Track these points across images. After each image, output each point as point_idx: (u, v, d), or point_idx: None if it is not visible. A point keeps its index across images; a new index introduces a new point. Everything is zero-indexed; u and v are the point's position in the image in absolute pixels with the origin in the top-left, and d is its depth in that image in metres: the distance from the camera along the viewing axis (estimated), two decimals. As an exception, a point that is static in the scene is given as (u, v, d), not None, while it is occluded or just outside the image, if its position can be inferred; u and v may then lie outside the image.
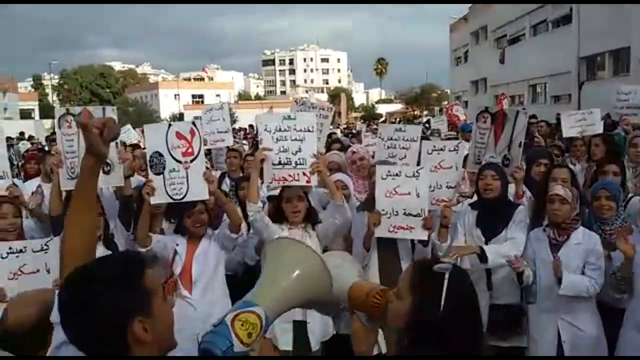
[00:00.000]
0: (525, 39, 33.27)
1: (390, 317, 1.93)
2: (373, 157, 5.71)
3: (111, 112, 4.33)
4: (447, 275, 1.77)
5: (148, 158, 4.11)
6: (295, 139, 4.18)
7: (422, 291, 1.81)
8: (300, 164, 4.15)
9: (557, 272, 3.85)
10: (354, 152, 6.11)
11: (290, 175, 4.15)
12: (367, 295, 2.05)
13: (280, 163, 4.17)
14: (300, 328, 4.15)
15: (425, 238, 4.19)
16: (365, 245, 4.28)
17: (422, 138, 5.63)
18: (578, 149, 6.88)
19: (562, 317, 3.96)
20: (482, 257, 4.12)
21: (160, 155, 4.05)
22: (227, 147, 7.33)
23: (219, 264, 4.23)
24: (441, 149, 4.61)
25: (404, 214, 4.14)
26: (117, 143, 4.35)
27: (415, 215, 4.14)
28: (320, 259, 1.95)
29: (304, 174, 4.14)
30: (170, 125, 4.19)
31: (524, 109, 5.51)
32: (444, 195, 4.49)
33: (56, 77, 77.78)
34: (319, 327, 4.20)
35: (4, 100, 43.02)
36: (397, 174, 4.19)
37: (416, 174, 4.18)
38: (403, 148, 5.23)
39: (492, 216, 4.34)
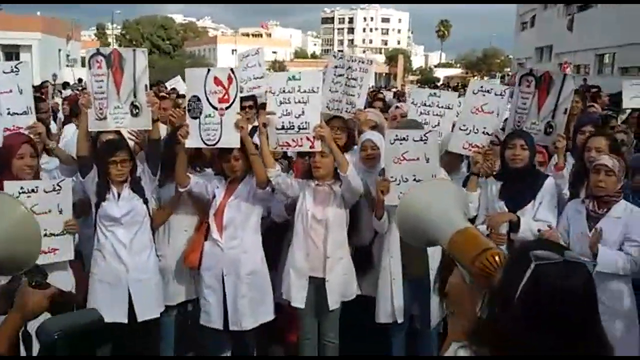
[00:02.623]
0: (596, 5, 31.56)
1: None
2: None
3: (142, 55, 4.26)
4: (532, 265, 1.52)
5: (187, 101, 4.12)
6: (299, 101, 4.00)
7: (509, 269, 1.61)
8: (303, 128, 3.98)
9: (594, 247, 3.61)
10: (397, 107, 5.92)
11: (293, 140, 4.00)
12: (482, 252, 1.74)
13: (283, 127, 4.02)
14: (317, 286, 4.08)
15: None
16: (377, 214, 4.06)
17: None
18: (634, 120, 6.43)
19: None
20: (515, 226, 3.91)
21: (198, 100, 4.04)
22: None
23: (253, 213, 4.18)
24: (487, 91, 4.41)
25: (414, 179, 3.90)
26: (146, 86, 4.27)
27: None
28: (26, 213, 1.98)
29: (308, 138, 3.97)
30: (209, 70, 4.14)
31: (585, 79, 5.06)
32: (477, 141, 4.29)
33: (119, 27, 79.07)
34: (340, 285, 4.11)
35: (67, 48, 44.09)
36: (404, 139, 3.93)
37: (424, 137, 3.93)
38: (437, 115, 4.83)
39: (518, 187, 4.05)
